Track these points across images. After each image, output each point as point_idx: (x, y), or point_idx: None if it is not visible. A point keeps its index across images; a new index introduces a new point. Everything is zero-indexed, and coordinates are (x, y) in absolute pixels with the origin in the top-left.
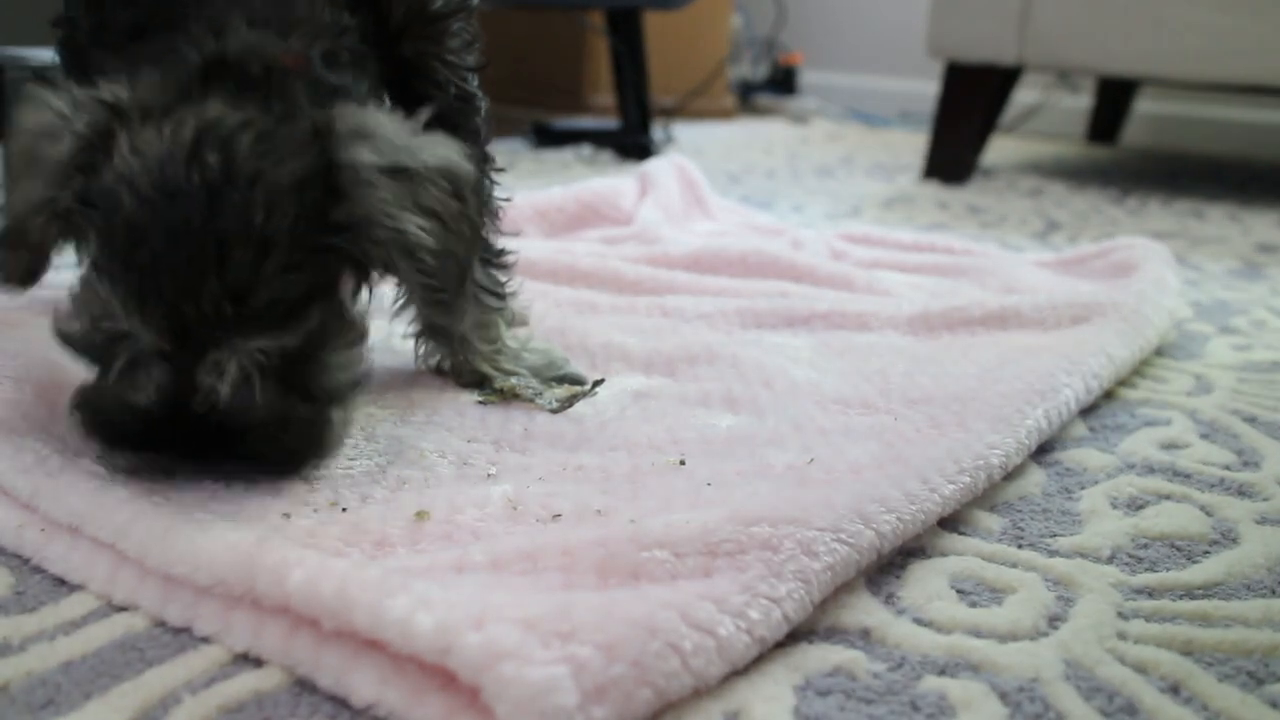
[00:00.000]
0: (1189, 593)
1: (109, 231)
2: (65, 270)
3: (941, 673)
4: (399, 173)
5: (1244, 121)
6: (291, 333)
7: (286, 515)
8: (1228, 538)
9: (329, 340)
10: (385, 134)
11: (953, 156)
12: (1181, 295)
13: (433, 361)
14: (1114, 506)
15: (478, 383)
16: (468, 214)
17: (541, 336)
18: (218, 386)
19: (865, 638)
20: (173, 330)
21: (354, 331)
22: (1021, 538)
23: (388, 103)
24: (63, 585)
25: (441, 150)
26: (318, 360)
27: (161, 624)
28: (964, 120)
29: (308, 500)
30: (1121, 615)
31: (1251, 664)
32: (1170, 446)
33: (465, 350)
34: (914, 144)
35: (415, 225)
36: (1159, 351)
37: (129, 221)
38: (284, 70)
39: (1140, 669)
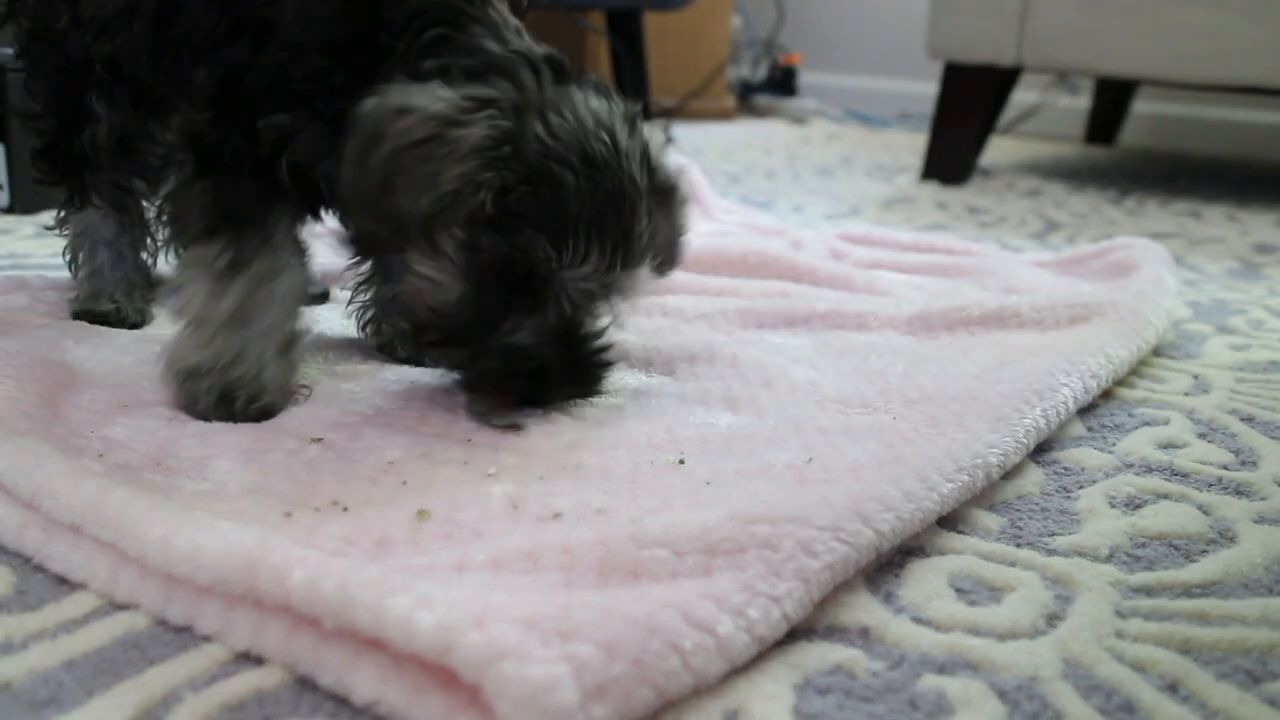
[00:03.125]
0: (1187, 591)
1: (554, 200)
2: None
3: (940, 671)
4: None
5: (1242, 122)
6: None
7: (287, 514)
8: (1225, 537)
9: None
10: None
11: (952, 157)
12: (1180, 295)
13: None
14: (1112, 506)
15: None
16: None
17: None
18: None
19: (864, 636)
20: (610, 268)
21: None
22: (1020, 537)
23: None
24: (64, 584)
25: None
26: None
27: (163, 623)
28: (963, 121)
29: (308, 500)
30: (1119, 614)
31: (1249, 662)
32: (1168, 446)
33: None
34: (914, 144)
35: None
36: (1157, 351)
37: (574, 191)
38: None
39: (1138, 667)
